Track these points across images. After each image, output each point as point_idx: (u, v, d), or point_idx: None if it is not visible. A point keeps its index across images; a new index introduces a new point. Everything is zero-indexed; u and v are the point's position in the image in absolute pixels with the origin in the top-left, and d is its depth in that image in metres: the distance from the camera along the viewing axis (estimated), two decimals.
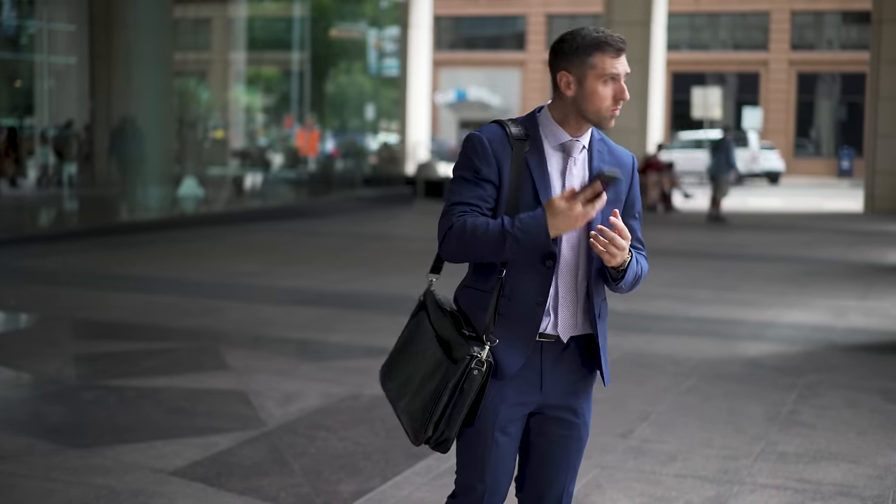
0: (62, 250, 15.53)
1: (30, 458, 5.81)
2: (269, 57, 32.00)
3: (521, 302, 3.22)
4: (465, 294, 3.35)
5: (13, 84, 25.81)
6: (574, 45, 3.17)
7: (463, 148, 3.25)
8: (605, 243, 3.11)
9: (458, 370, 3.14)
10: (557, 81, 3.21)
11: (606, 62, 3.15)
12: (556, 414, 3.34)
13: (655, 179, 25.93)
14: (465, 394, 3.13)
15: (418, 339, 3.35)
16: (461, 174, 3.23)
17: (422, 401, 3.21)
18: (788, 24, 51.73)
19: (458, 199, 3.20)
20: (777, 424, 6.77)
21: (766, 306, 11.50)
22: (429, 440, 3.21)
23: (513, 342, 3.23)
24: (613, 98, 3.18)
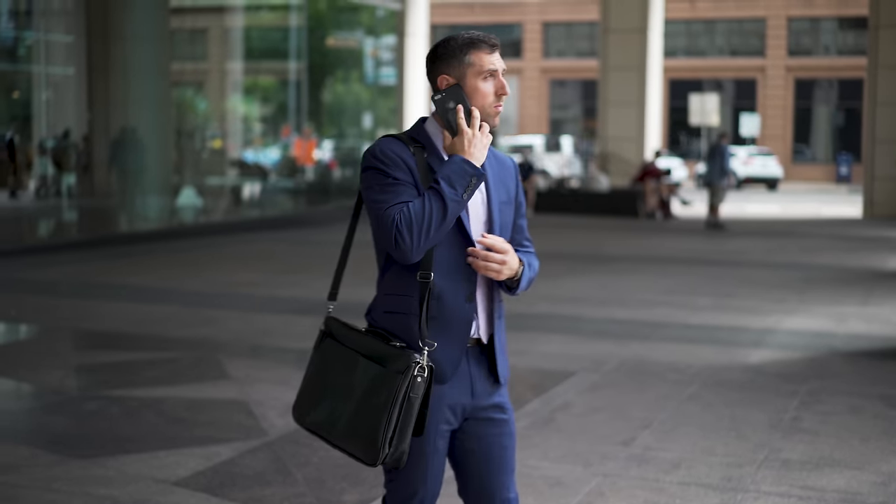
0: (62, 261, 15.52)
1: (32, 469, 5.80)
2: (266, 66, 31.98)
3: (451, 301, 3.24)
4: (385, 309, 3.29)
5: (11, 95, 25.80)
6: (451, 48, 3.28)
7: (367, 164, 3.23)
8: (484, 264, 3.20)
9: (405, 379, 3.11)
10: (439, 85, 3.28)
11: (483, 59, 3.27)
12: (487, 415, 3.37)
13: (654, 186, 25.94)
14: (412, 402, 3.12)
15: (337, 366, 3.27)
16: (378, 184, 3.19)
17: (369, 420, 3.13)
18: (785, 30, 51.79)
19: (387, 203, 3.15)
20: (780, 431, 6.76)
21: (766, 313, 11.49)
22: (385, 458, 3.14)
23: (448, 344, 3.25)
24: (495, 94, 3.29)
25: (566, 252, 17.92)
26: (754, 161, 44.33)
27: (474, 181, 3.16)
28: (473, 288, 3.28)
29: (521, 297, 12.16)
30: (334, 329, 3.34)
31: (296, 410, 3.37)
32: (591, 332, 10.23)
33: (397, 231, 3.09)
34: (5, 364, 8.56)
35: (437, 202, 3.11)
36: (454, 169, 3.15)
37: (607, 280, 14.12)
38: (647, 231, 22.63)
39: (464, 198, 3.15)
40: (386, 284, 3.30)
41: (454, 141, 3.21)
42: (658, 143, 30.89)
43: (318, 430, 3.29)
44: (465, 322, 3.26)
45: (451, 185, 3.13)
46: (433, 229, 3.11)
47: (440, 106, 3.24)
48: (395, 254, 3.14)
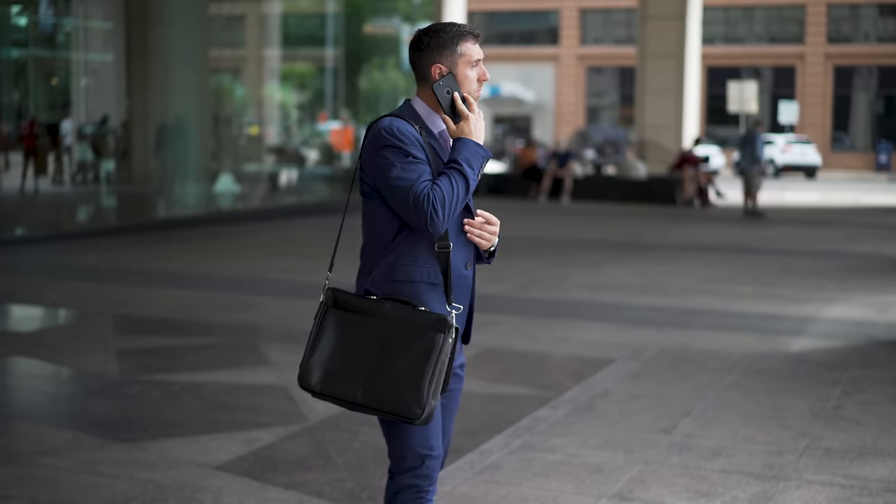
0: (101, 247, 15.62)
1: (75, 453, 5.84)
2: (303, 53, 32.03)
3: (457, 268, 3.52)
4: (394, 278, 3.46)
5: (50, 82, 25.96)
6: (443, 39, 3.52)
7: (385, 142, 3.41)
8: (479, 233, 3.53)
9: (446, 338, 3.34)
10: (432, 73, 3.52)
11: (471, 49, 3.55)
12: (455, 372, 3.63)
13: (692, 174, 25.81)
14: (445, 361, 3.35)
15: (355, 333, 3.42)
16: (400, 162, 3.38)
17: (411, 377, 3.30)
18: (825, 16, 51.37)
19: (413, 181, 3.37)
20: (821, 420, 6.72)
21: (806, 301, 11.42)
22: (427, 412, 3.31)
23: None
24: (478, 80, 3.57)
25: (605, 240, 17.88)
26: (792, 149, 44.00)
27: (484, 161, 3.48)
28: (471, 256, 3.59)
29: (560, 286, 12.15)
30: (340, 299, 3.49)
31: (303, 378, 3.46)
32: (631, 320, 10.20)
33: (433, 208, 3.33)
34: (47, 349, 8.62)
35: (462, 180, 3.40)
36: (470, 151, 3.45)
37: (646, 268, 14.07)
38: (685, 219, 22.53)
39: (478, 176, 3.46)
40: (394, 254, 3.46)
41: (460, 126, 3.49)
42: (696, 131, 30.73)
43: (338, 394, 3.41)
44: (467, 287, 3.58)
45: (470, 166, 3.43)
46: (459, 205, 3.40)
47: (439, 93, 3.49)
48: (428, 228, 3.36)
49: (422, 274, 3.44)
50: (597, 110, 56.67)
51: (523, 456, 5.90)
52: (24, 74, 25.14)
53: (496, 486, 5.40)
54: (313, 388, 3.43)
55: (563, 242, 17.34)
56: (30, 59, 25.06)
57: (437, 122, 3.56)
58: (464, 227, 3.52)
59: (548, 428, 6.47)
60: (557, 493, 5.34)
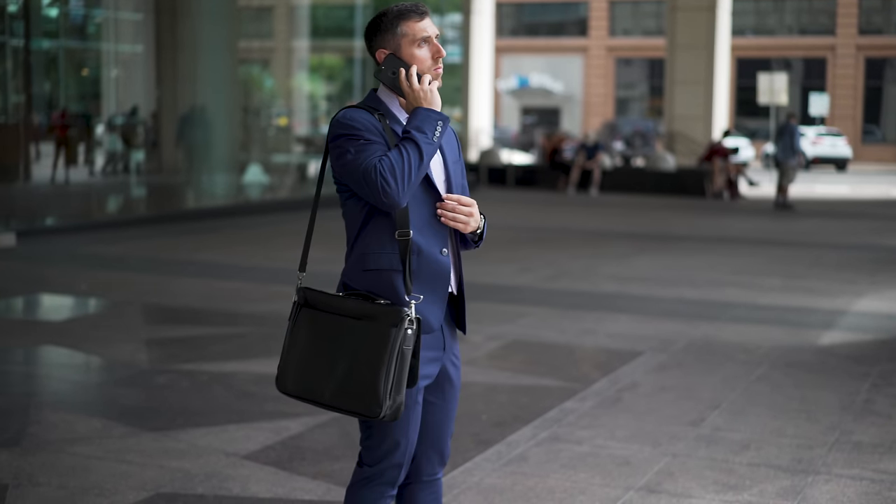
0: (130, 236, 15.69)
1: (105, 441, 5.87)
2: (331, 44, 32.07)
3: (429, 255, 3.39)
4: (364, 268, 3.40)
5: (81, 73, 26.08)
6: (383, 23, 3.44)
7: (336, 133, 3.37)
8: (452, 215, 3.41)
9: (398, 332, 3.25)
10: (378, 59, 3.46)
11: (414, 27, 3.43)
12: (447, 367, 3.54)
13: (721, 166, 25.70)
14: (405, 354, 3.26)
15: (322, 332, 3.38)
16: (352, 147, 3.32)
17: (367, 375, 3.25)
18: (856, 8, 51.01)
19: (365, 159, 3.29)
20: (851, 414, 6.69)
21: (835, 294, 11.36)
22: (386, 410, 3.25)
23: (431, 296, 3.41)
24: (432, 58, 3.47)
25: (634, 232, 17.83)
26: (823, 141, 43.77)
27: (440, 124, 3.35)
28: (446, 241, 3.45)
29: (588, 278, 12.12)
30: (311, 298, 3.45)
31: (279, 381, 3.45)
32: (659, 312, 10.17)
33: (382, 178, 3.23)
34: (77, 338, 8.67)
35: (412, 147, 3.28)
36: (420, 118, 3.34)
37: (675, 260, 14.03)
38: (714, 211, 22.44)
39: (434, 139, 3.33)
40: (362, 244, 3.42)
41: (408, 101, 3.40)
42: (725, 123, 30.58)
43: (307, 395, 3.38)
44: (443, 274, 3.43)
45: (421, 131, 3.31)
46: (413, 171, 3.27)
47: (384, 78, 3.42)
48: (384, 202, 3.26)
49: (390, 262, 3.36)
50: (626, 102, 56.50)
51: (550, 448, 5.89)
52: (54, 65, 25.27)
53: (523, 478, 5.40)
54: (288, 390, 3.42)
55: (591, 234, 17.30)
56: (61, 50, 25.19)
57: (401, 111, 3.51)
58: (435, 216, 3.41)
59: (575, 420, 6.46)
60: (585, 485, 5.33)
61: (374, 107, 3.45)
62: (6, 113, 20.97)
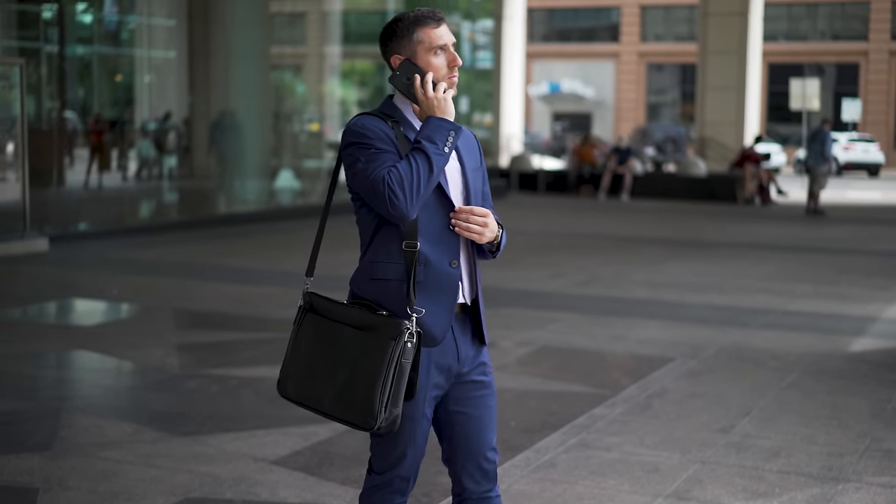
0: (162, 241, 15.77)
1: (135, 446, 5.91)
2: (363, 50, 32.16)
3: (437, 266, 3.33)
4: (371, 276, 3.37)
5: (114, 78, 26.25)
6: (399, 29, 3.39)
7: (347, 141, 3.33)
8: (465, 225, 3.33)
9: (396, 344, 3.21)
10: (392, 65, 3.41)
11: (431, 34, 3.37)
12: (473, 377, 3.47)
13: (753, 171, 25.60)
14: (403, 367, 3.21)
15: (324, 339, 3.37)
16: (363, 156, 3.28)
17: (363, 386, 3.22)
18: (889, 13, 50.69)
19: (375, 169, 3.24)
20: (882, 421, 6.65)
21: (867, 301, 11.29)
22: (381, 422, 3.21)
23: (437, 308, 3.33)
24: (448, 66, 3.40)
25: (665, 238, 17.78)
26: (855, 147, 43.52)
27: (452, 134, 3.28)
28: (457, 253, 3.38)
29: (619, 284, 12.10)
30: (316, 304, 3.45)
31: (280, 385, 3.44)
32: (690, 318, 10.14)
33: (390, 190, 3.19)
34: (108, 342, 8.72)
35: (422, 157, 3.22)
36: (431, 127, 3.28)
37: (706, 266, 13.98)
38: (745, 217, 22.35)
39: (445, 150, 3.26)
40: (372, 253, 3.38)
41: (421, 109, 3.34)
42: (757, 129, 30.46)
43: (307, 401, 3.36)
44: (451, 286, 3.36)
45: (432, 141, 3.25)
46: (423, 184, 3.21)
47: (398, 84, 3.38)
48: (392, 214, 3.21)
49: (398, 272, 3.31)
50: (657, 107, 56.36)
51: (579, 454, 5.89)
52: (88, 71, 25.45)
53: (552, 484, 5.40)
54: (288, 395, 3.41)
55: (622, 240, 17.26)
56: (95, 56, 25.36)
57: (415, 117, 3.46)
58: (450, 223, 3.35)
59: (604, 426, 6.45)
60: (613, 491, 5.32)
61: (388, 113, 3.41)
62: (40, 119, 21.15)
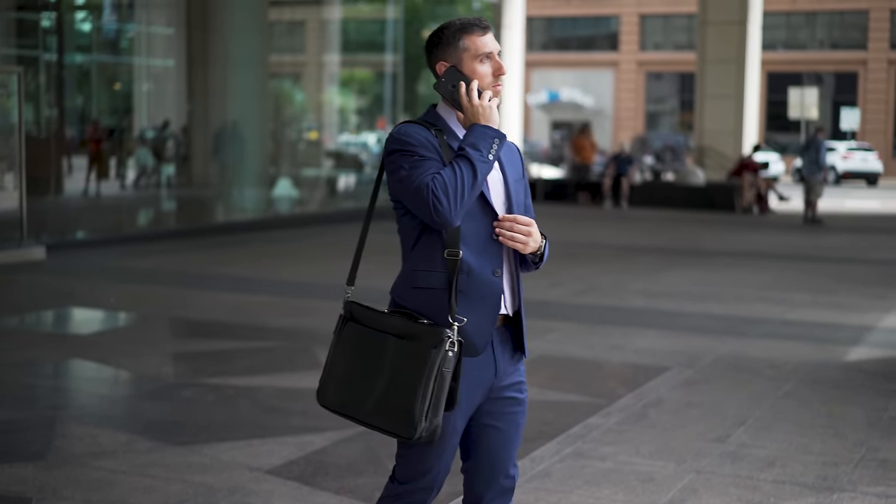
0: (160, 250, 15.77)
1: (129, 455, 5.89)
2: (362, 59, 32.18)
3: (480, 275, 3.31)
4: (413, 285, 3.35)
5: (113, 87, 26.25)
6: (445, 36, 3.38)
7: (391, 148, 3.32)
8: (510, 234, 3.30)
9: (438, 353, 3.18)
10: (437, 72, 3.40)
11: (477, 42, 3.36)
12: (508, 393, 3.44)
13: (751, 180, 25.61)
14: (444, 376, 3.19)
15: (365, 348, 3.35)
16: (406, 164, 3.27)
17: (404, 395, 3.20)
18: (888, 22, 50.78)
19: (419, 176, 3.23)
20: (878, 430, 6.64)
21: (864, 310, 11.29)
22: (422, 431, 3.18)
23: (479, 317, 3.32)
24: (493, 75, 3.39)
25: (663, 246, 17.78)
26: (854, 156, 43.57)
27: (497, 142, 3.27)
28: (500, 262, 3.36)
29: (617, 293, 12.10)
30: (356, 313, 3.43)
31: (320, 394, 3.43)
32: (687, 328, 10.13)
33: (434, 196, 3.17)
34: (104, 351, 8.72)
35: (466, 165, 3.21)
36: (476, 135, 3.27)
37: (704, 275, 13.98)
38: (743, 226, 22.36)
39: (490, 158, 3.25)
40: (413, 261, 3.36)
41: (466, 116, 3.33)
42: (756, 137, 30.48)
43: (345, 409, 3.35)
44: (494, 295, 3.34)
45: (476, 149, 3.24)
46: (466, 190, 3.20)
47: (443, 90, 3.36)
48: (436, 220, 3.20)
49: (440, 281, 3.29)
50: (656, 116, 56.40)
51: (574, 463, 5.88)
52: (87, 79, 25.45)
53: (546, 494, 5.39)
54: (327, 403, 3.40)
55: (621, 249, 17.26)
56: (93, 64, 25.36)
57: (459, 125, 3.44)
58: (494, 232, 3.33)
59: (600, 436, 6.45)
60: (608, 501, 5.31)
61: (431, 122, 3.40)
62: (38, 127, 21.14)
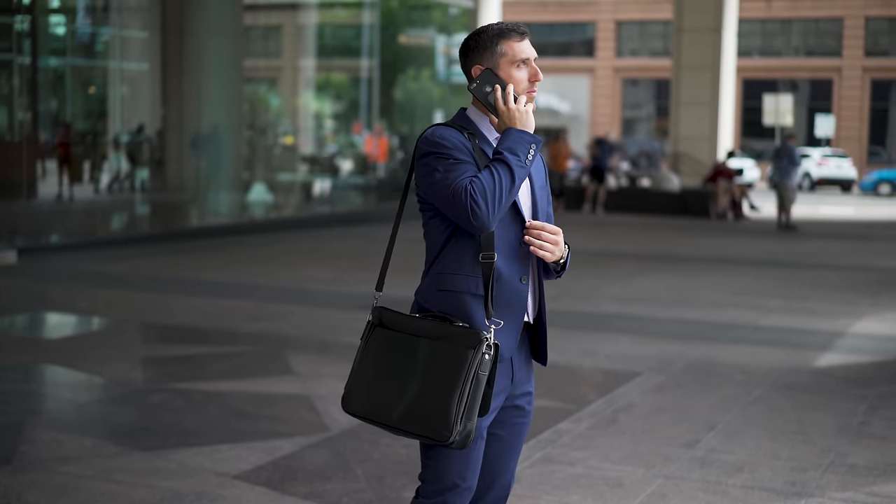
0: (133, 254, 15.69)
1: (95, 460, 5.85)
2: (338, 64, 32.13)
3: (507, 282, 3.29)
4: (440, 287, 3.30)
5: (87, 90, 26.14)
6: (483, 40, 3.35)
7: (426, 150, 3.28)
8: (539, 243, 3.28)
9: (476, 354, 3.14)
10: (473, 75, 3.36)
11: (514, 48, 3.34)
12: (518, 402, 3.41)
13: (725, 187, 25.69)
14: (480, 380, 3.14)
15: (395, 352, 3.28)
16: (442, 167, 3.23)
17: (439, 397, 3.13)
18: (862, 29, 51.05)
19: (456, 179, 3.20)
20: (847, 436, 6.65)
21: (836, 316, 11.33)
22: (456, 435, 3.11)
23: (506, 324, 3.28)
24: (529, 80, 3.37)
25: (637, 252, 17.81)
26: (828, 162, 43.78)
27: (534, 147, 3.24)
28: (527, 269, 3.35)
29: (590, 297, 12.09)
30: (386, 318, 3.36)
31: (345, 400, 3.36)
32: (659, 333, 10.15)
33: (472, 200, 3.13)
34: (74, 356, 8.66)
35: (504, 169, 3.18)
36: (513, 139, 3.24)
37: (677, 280, 14.00)
38: (718, 231, 22.42)
39: (527, 163, 3.22)
40: (440, 264, 3.32)
41: (501, 120, 3.29)
42: (731, 144, 30.58)
43: (373, 416, 3.27)
44: (521, 302, 3.32)
45: (514, 153, 3.20)
46: (504, 195, 3.17)
47: (478, 93, 3.33)
48: (473, 224, 3.16)
49: (468, 284, 3.25)
50: (632, 122, 56.54)
51: (543, 469, 5.87)
52: (61, 83, 25.34)
53: (515, 499, 5.37)
54: (352, 410, 3.32)
55: (594, 254, 17.27)
56: (68, 68, 25.25)
57: (492, 129, 3.40)
58: (523, 239, 3.30)
59: (570, 441, 6.44)
60: None
61: (463, 126, 3.36)
62: (12, 130, 21.03)
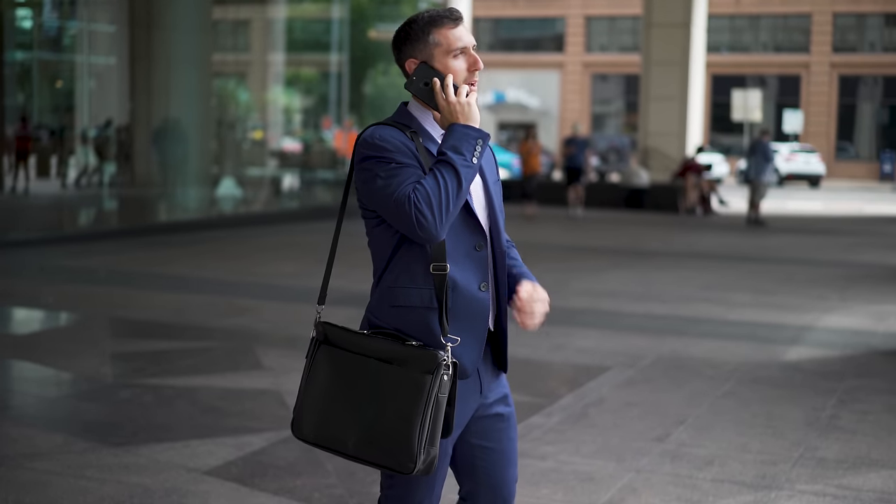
0: (101, 250, 15.61)
1: (64, 456, 5.81)
2: (307, 58, 32.06)
3: (466, 291, 3.06)
4: (392, 304, 3.08)
5: (54, 84, 25.98)
6: (414, 31, 3.10)
7: (364, 154, 3.03)
8: (534, 322, 3.17)
9: (434, 379, 2.92)
10: (407, 69, 3.12)
11: (449, 36, 3.08)
12: (495, 410, 3.22)
13: (694, 182, 25.79)
14: (440, 403, 2.93)
15: (345, 374, 3.04)
16: (382, 171, 2.98)
17: (398, 426, 2.92)
18: (830, 25, 51.35)
19: (398, 186, 2.95)
20: (816, 430, 6.69)
21: (805, 310, 11.39)
22: (419, 464, 2.92)
23: (467, 337, 3.07)
24: (468, 70, 3.11)
25: (606, 247, 17.85)
26: (797, 158, 44.03)
27: (480, 143, 3.01)
28: (486, 275, 3.12)
29: (559, 291, 12.11)
30: (331, 335, 3.12)
31: (295, 426, 3.12)
32: (629, 328, 10.17)
33: (417, 210, 2.89)
34: (42, 351, 8.61)
35: (450, 171, 2.94)
36: (457, 136, 2.99)
37: (646, 275, 14.04)
38: (686, 227, 22.50)
39: (473, 161, 2.98)
40: (391, 277, 3.09)
41: (443, 116, 3.05)
42: (700, 139, 30.70)
43: (328, 443, 3.05)
44: (481, 312, 3.10)
45: (458, 152, 2.96)
46: (452, 201, 2.93)
47: (415, 89, 3.09)
48: (420, 235, 2.93)
49: (423, 298, 3.01)
50: (602, 117, 56.67)
51: None
52: (28, 77, 25.17)
53: None
54: (304, 436, 3.08)
55: (564, 249, 17.31)
56: (34, 62, 25.09)
57: (435, 126, 3.17)
58: (477, 243, 3.09)
59: (540, 435, 6.44)
60: (547, 500, 5.31)
61: (405, 123, 3.11)
62: None
